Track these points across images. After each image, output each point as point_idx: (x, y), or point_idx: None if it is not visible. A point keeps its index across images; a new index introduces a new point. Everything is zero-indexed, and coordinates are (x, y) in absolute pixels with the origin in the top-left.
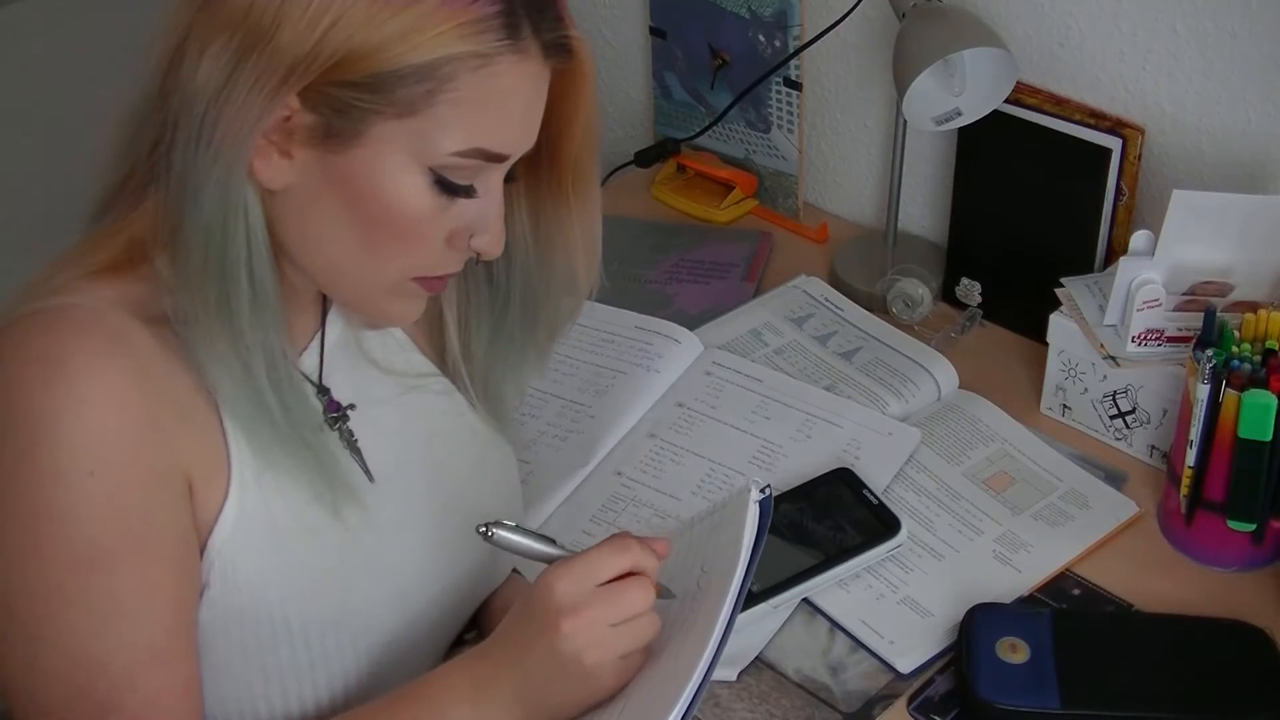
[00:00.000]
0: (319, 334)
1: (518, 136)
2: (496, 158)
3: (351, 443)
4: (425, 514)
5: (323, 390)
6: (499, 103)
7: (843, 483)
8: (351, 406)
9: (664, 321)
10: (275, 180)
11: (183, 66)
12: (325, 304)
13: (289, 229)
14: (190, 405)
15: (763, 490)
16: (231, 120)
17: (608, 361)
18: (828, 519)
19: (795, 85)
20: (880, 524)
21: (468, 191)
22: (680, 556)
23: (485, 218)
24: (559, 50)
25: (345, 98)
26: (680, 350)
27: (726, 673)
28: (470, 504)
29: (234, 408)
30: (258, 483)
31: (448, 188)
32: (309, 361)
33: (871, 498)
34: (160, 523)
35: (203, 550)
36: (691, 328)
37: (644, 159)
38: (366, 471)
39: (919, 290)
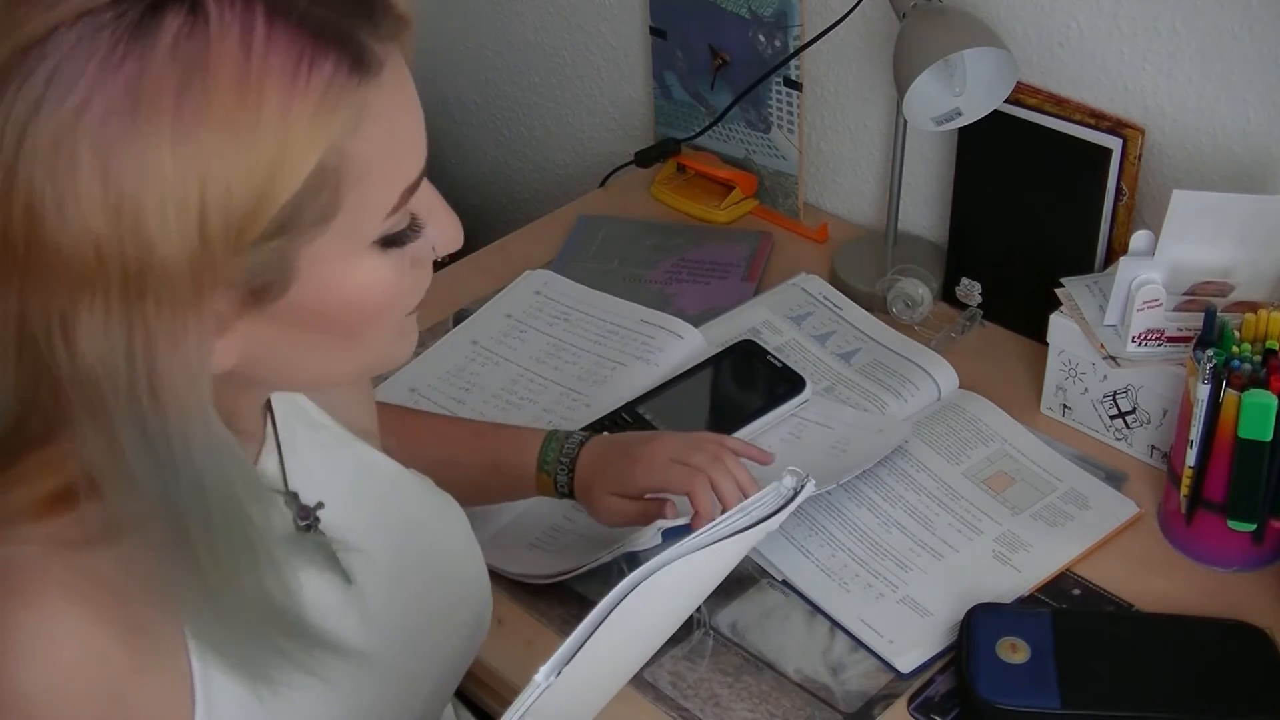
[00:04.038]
0: (269, 428)
1: (421, 144)
2: (418, 182)
3: (327, 548)
4: (403, 591)
5: (291, 495)
6: (393, 136)
7: (746, 352)
8: (320, 505)
9: (668, 316)
10: (225, 364)
11: (55, 352)
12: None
13: (262, 381)
14: (148, 639)
15: (799, 481)
16: (171, 376)
17: (610, 353)
18: (734, 385)
19: (795, 85)
20: (786, 384)
21: (414, 229)
22: None
23: (436, 224)
24: (397, 24)
25: (259, 256)
26: (681, 345)
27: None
28: (434, 558)
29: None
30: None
31: (395, 241)
32: (269, 463)
33: (776, 362)
34: None
35: None
36: None
37: (644, 159)
38: (345, 575)
39: (919, 290)
